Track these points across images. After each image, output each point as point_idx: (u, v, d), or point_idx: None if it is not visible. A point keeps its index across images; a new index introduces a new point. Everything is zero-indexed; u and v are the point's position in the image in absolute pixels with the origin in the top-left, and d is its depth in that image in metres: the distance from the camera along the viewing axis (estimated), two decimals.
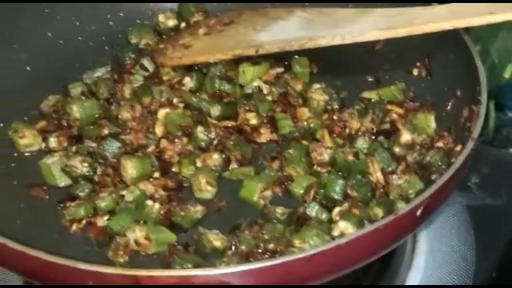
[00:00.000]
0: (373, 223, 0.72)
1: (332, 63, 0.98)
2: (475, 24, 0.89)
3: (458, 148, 0.84)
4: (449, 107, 0.91)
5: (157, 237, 0.79)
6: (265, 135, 0.91)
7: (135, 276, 0.67)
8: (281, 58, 0.98)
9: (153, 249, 0.79)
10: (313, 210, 0.81)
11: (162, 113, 0.91)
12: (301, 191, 0.84)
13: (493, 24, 0.88)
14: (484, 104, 0.83)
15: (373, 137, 0.89)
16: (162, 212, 0.82)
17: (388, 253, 0.76)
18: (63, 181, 0.87)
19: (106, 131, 0.89)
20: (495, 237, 0.97)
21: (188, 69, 0.97)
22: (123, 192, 0.83)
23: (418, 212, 0.74)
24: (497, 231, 0.97)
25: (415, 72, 0.97)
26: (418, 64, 0.97)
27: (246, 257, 0.77)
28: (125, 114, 0.90)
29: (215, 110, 0.92)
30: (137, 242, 0.79)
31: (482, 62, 1.10)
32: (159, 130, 0.90)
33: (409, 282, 0.90)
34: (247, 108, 0.92)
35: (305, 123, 0.91)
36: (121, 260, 0.78)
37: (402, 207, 0.75)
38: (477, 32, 1.02)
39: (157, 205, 0.83)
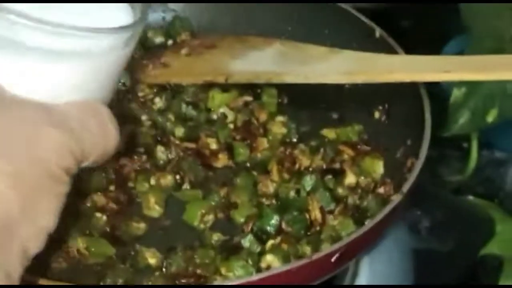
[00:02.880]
0: (297, 261, 0.77)
1: (303, 95, 1.00)
2: (429, 80, 0.92)
3: (395, 197, 0.87)
4: (398, 155, 0.93)
5: (96, 250, 0.85)
6: (221, 161, 0.95)
7: None
8: (254, 86, 1.02)
9: (91, 260, 0.85)
10: (247, 241, 0.85)
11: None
12: (242, 220, 0.88)
13: None
14: (421, 160, 0.85)
15: (320, 175, 0.92)
16: (108, 224, 0.88)
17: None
18: None
19: None
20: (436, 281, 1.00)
21: (163, 88, 1.02)
22: None
23: (333, 259, 0.77)
24: (438, 276, 1.00)
25: (376, 115, 1.00)
26: (380, 107, 1.00)
27: (173, 279, 0.82)
28: None
29: (179, 132, 0.97)
30: (78, 252, 0.85)
31: (466, 104, 1.13)
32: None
33: None
34: (208, 133, 0.96)
35: (258, 154, 0.95)
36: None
37: (321, 251, 0.79)
38: None
39: (104, 218, 0.88)
